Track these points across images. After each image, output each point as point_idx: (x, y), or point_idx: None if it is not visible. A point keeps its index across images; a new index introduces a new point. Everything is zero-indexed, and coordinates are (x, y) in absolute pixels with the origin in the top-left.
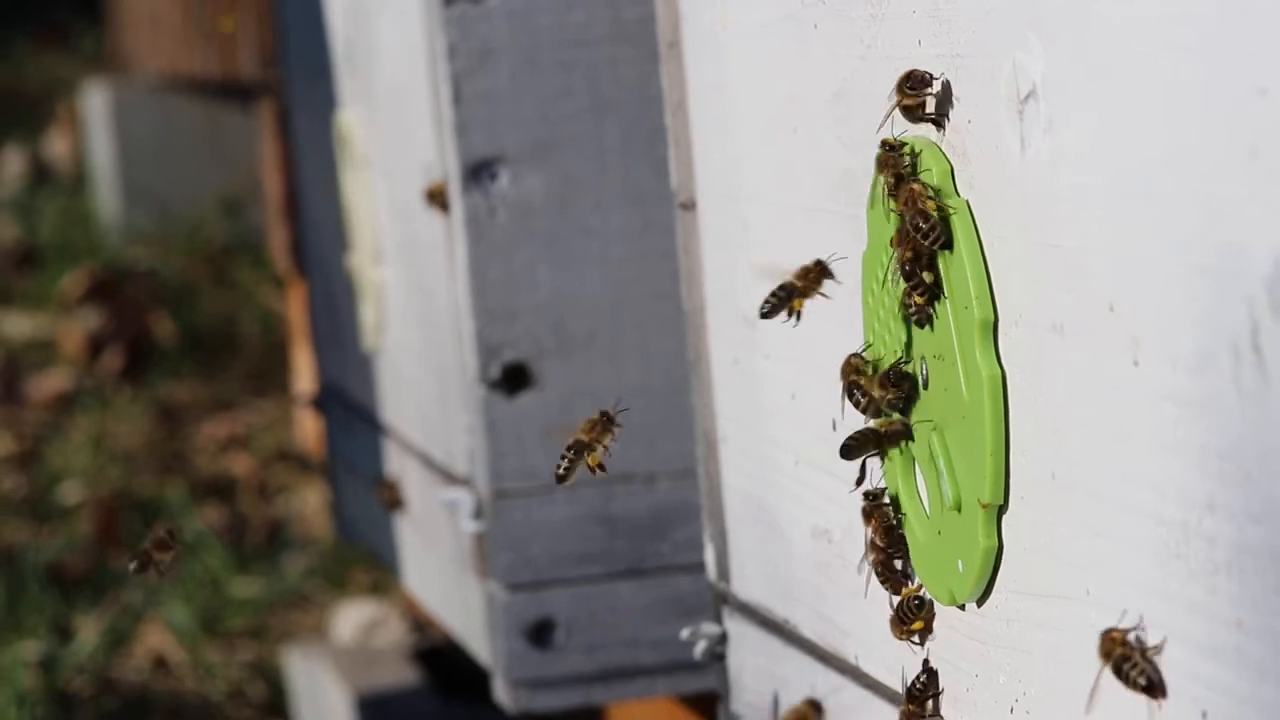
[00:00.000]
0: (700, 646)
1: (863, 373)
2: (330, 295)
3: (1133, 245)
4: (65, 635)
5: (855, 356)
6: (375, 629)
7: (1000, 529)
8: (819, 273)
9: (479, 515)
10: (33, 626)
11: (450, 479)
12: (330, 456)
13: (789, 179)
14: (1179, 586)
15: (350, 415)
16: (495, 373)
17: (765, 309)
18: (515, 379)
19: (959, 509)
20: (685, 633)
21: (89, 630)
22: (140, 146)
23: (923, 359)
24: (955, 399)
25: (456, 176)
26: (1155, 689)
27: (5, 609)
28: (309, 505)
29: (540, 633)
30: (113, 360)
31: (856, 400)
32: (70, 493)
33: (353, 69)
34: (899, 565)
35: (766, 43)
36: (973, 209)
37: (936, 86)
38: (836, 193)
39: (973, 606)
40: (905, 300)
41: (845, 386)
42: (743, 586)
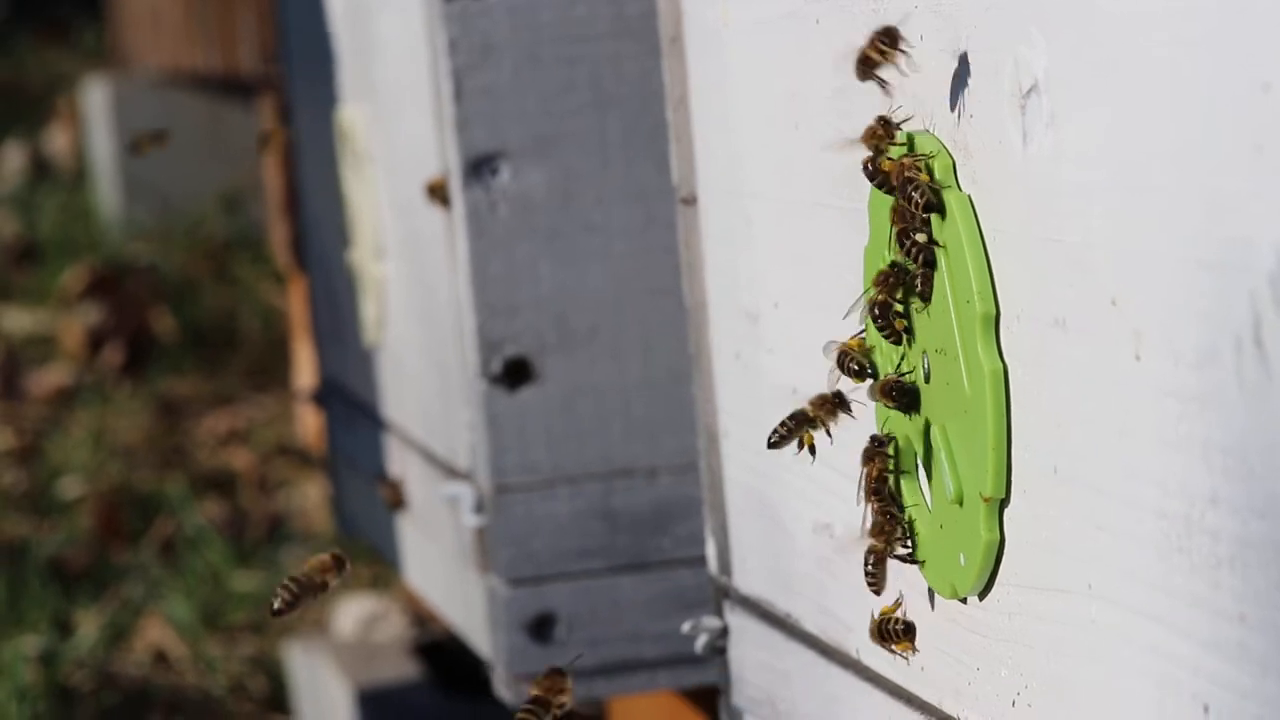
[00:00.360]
0: (701, 640)
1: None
2: (331, 290)
3: (1135, 240)
4: (66, 630)
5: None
6: (376, 623)
7: (1002, 523)
8: (835, 404)
9: (480, 510)
10: (33, 621)
11: (451, 474)
12: (331, 451)
13: (790, 174)
14: (1181, 581)
15: (351, 410)
16: (496, 368)
17: (774, 439)
18: (517, 374)
19: (961, 503)
20: (686, 626)
21: (89, 625)
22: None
23: (924, 353)
24: (957, 393)
25: (458, 171)
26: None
27: (6, 604)
28: (309, 500)
29: (541, 627)
30: (113, 355)
31: (850, 369)
32: (71, 487)
33: (354, 64)
34: (894, 514)
35: (768, 38)
36: (975, 203)
37: (904, 58)
38: (838, 188)
39: (974, 600)
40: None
41: (838, 358)
42: (744, 580)
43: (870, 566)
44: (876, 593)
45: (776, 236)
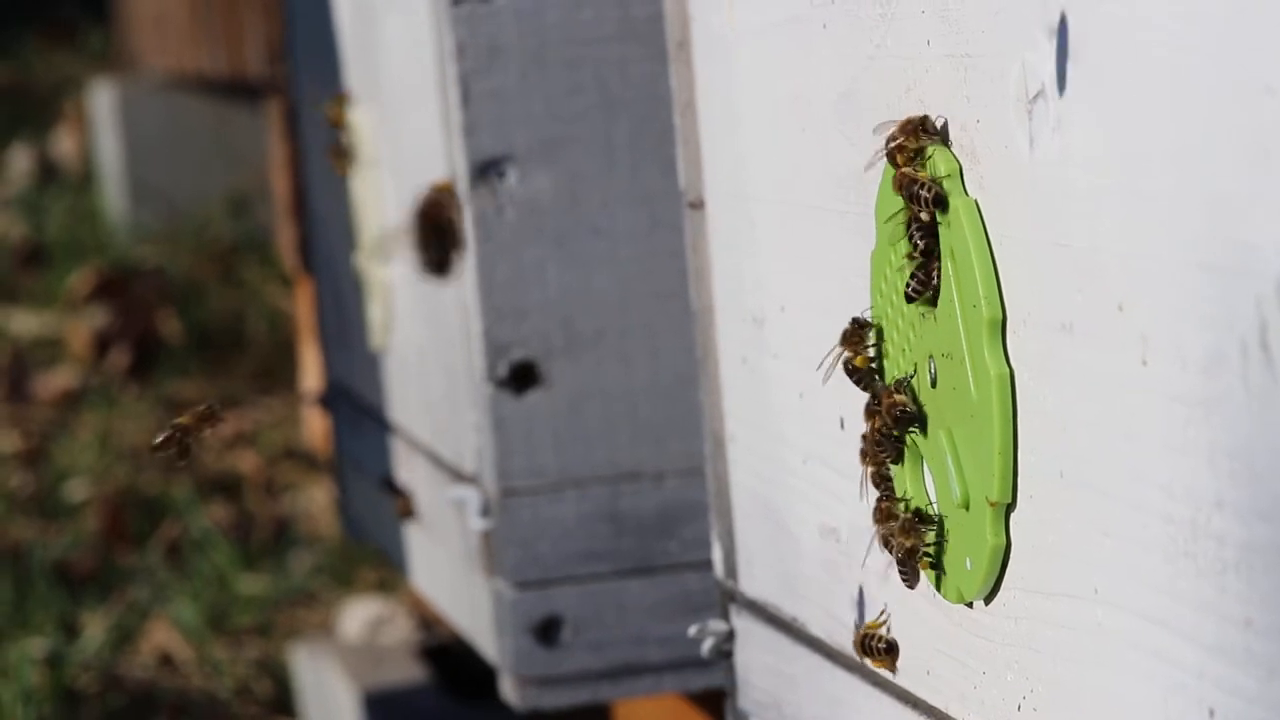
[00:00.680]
0: (707, 644)
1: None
2: (338, 294)
3: (1142, 244)
4: (72, 632)
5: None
6: (382, 626)
7: (1008, 527)
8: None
9: (486, 513)
10: (39, 624)
11: (458, 477)
12: (337, 454)
13: (797, 178)
14: (1187, 585)
15: (357, 413)
16: (503, 371)
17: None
18: (523, 377)
19: (967, 507)
20: (692, 630)
21: (95, 627)
22: (147, 145)
23: (930, 358)
24: (964, 398)
25: (465, 175)
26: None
27: (12, 606)
28: (316, 503)
29: (547, 630)
30: (119, 358)
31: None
32: (77, 490)
33: (360, 67)
34: (889, 473)
35: (775, 42)
36: (981, 208)
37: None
38: (844, 193)
39: (980, 604)
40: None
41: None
42: (750, 584)
43: (902, 564)
44: (911, 586)
45: (782, 241)
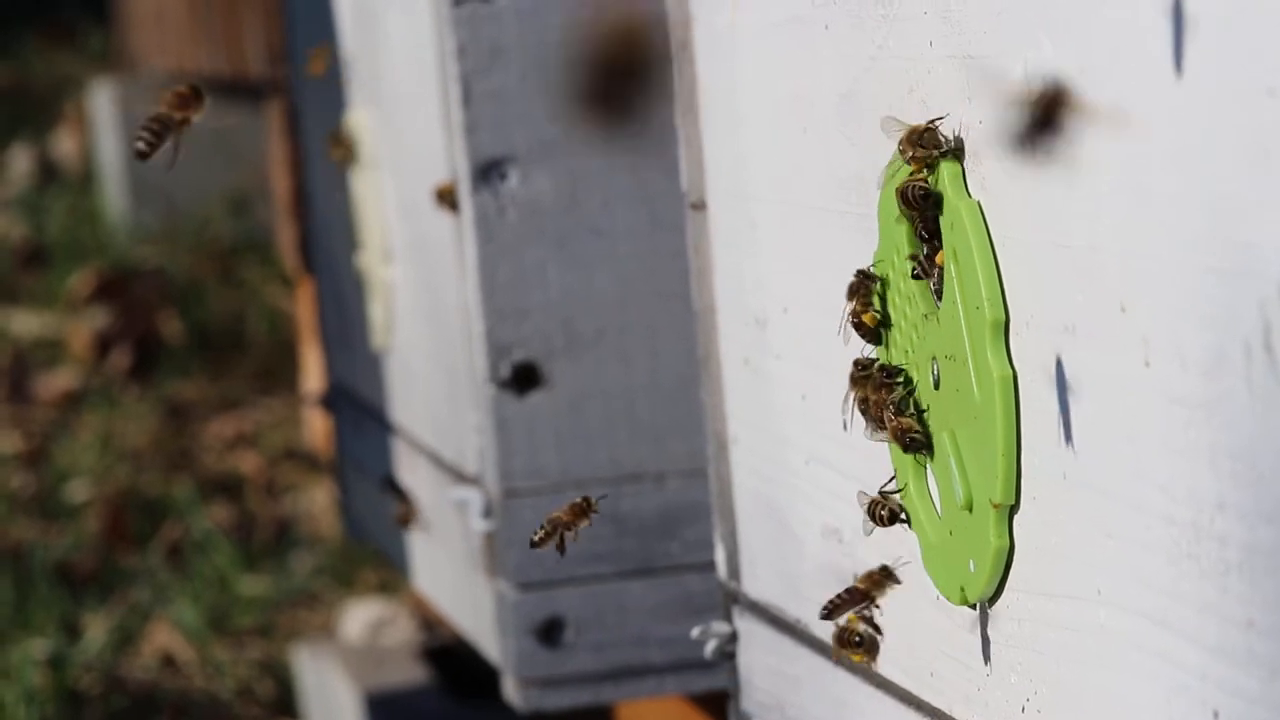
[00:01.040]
0: (710, 645)
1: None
2: (339, 294)
3: (1144, 246)
4: (73, 633)
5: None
6: (384, 628)
7: (1012, 529)
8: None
9: (489, 514)
10: (41, 625)
11: (460, 478)
12: (339, 455)
13: (799, 179)
14: (1190, 586)
15: (359, 414)
16: (505, 372)
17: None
18: (525, 378)
19: (970, 509)
20: (695, 631)
21: (97, 628)
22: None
23: (934, 359)
24: (967, 399)
25: (466, 176)
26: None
27: (13, 607)
28: (317, 504)
29: (550, 631)
30: (120, 359)
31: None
32: (78, 491)
33: (362, 68)
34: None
35: (776, 43)
36: (984, 209)
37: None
38: (846, 193)
39: (984, 606)
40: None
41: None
42: (753, 586)
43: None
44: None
45: (784, 241)
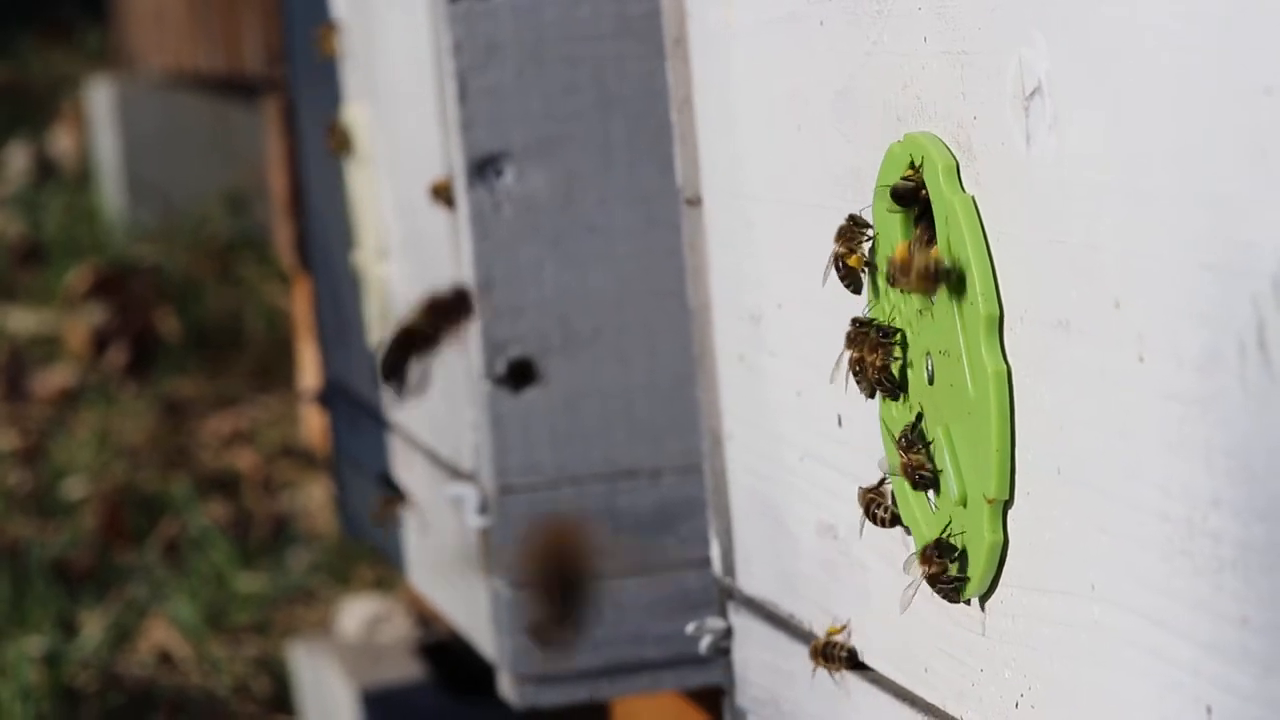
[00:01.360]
0: (705, 641)
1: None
2: (335, 291)
3: (1139, 242)
4: (70, 630)
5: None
6: (380, 624)
7: (1006, 524)
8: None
9: (484, 511)
10: (37, 622)
11: (456, 475)
12: (335, 452)
13: (794, 176)
14: (1184, 583)
15: (355, 411)
16: (501, 369)
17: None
18: (521, 375)
19: (965, 504)
20: (690, 627)
21: (94, 625)
22: (145, 142)
23: (928, 355)
24: (961, 395)
25: (462, 172)
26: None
27: (10, 604)
28: (314, 501)
29: None
30: (117, 356)
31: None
32: (75, 488)
33: (358, 64)
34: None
35: (772, 39)
36: (979, 205)
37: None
38: (841, 190)
39: (978, 601)
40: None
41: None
42: (748, 582)
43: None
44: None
45: (779, 238)
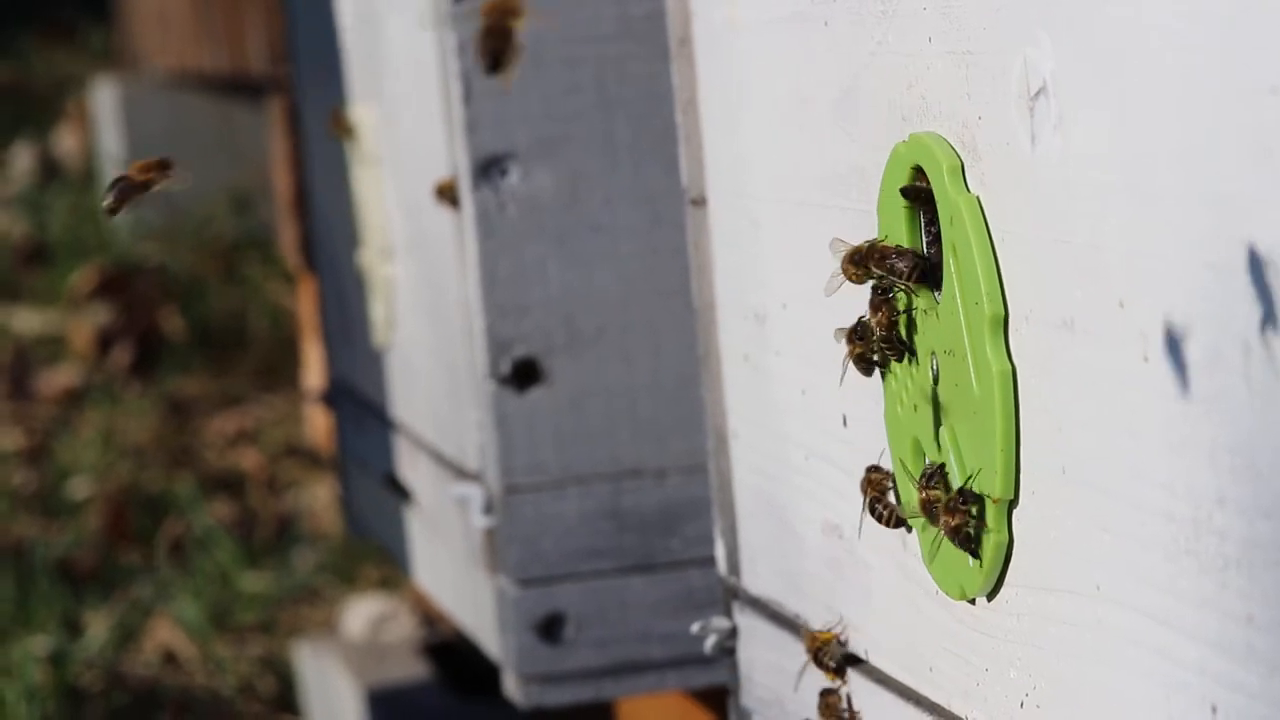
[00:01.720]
0: (710, 641)
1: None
2: (340, 291)
3: (1143, 242)
4: (75, 630)
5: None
6: (385, 624)
7: (1011, 524)
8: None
9: (489, 510)
10: (42, 621)
11: (461, 474)
12: (340, 452)
13: (798, 175)
14: (1189, 582)
15: (360, 411)
16: (505, 368)
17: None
18: (525, 375)
19: None
20: (695, 627)
21: (98, 625)
22: (150, 143)
23: (933, 355)
24: (966, 394)
25: (467, 173)
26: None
27: (15, 604)
28: (319, 500)
29: (550, 627)
30: (122, 356)
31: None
32: (79, 488)
33: (363, 65)
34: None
35: (777, 39)
36: (983, 205)
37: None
38: (846, 189)
39: (983, 601)
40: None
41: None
42: (753, 581)
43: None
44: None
45: (784, 238)
